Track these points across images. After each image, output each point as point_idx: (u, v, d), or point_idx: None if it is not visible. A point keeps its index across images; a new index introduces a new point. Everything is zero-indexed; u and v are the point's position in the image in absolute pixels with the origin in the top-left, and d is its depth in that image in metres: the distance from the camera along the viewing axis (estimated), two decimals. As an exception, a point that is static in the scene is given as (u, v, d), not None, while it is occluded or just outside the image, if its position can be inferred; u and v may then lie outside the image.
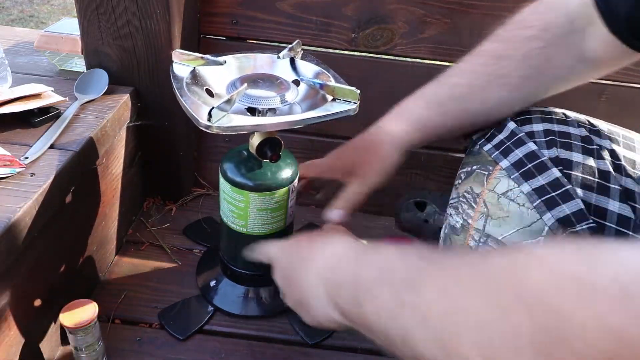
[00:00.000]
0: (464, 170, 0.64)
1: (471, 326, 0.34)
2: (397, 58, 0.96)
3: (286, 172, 0.74)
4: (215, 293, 0.84)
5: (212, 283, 0.85)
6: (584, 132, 0.59)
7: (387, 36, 0.94)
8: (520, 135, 0.60)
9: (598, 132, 0.60)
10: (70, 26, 0.92)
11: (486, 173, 0.60)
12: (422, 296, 0.39)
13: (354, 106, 0.63)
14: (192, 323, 0.80)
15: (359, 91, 0.62)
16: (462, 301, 0.36)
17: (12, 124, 0.73)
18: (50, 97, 0.77)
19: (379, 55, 0.96)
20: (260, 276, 0.83)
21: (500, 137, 0.62)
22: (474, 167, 0.62)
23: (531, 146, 0.58)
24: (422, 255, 0.43)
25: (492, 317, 0.33)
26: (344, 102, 0.63)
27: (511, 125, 0.62)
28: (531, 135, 0.60)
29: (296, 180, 0.76)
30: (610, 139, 0.60)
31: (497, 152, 0.60)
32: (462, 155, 1.07)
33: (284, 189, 0.74)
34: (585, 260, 0.31)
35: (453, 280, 0.38)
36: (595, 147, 0.58)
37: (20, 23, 2.83)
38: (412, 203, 0.93)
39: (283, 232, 0.79)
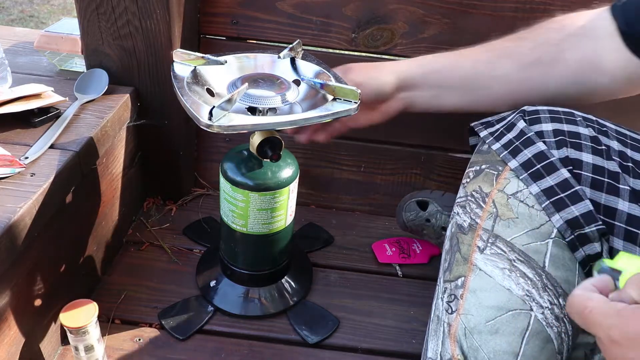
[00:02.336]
0: (473, 169, 0.63)
1: None
2: (397, 58, 0.96)
3: (287, 172, 0.74)
4: (215, 293, 0.84)
5: (212, 283, 0.85)
6: (592, 132, 0.59)
7: (387, 36, 0.94)
8: (529, 134, 0.59)
9: (606, 133, 0.60)
10: (70, 26, 0.92)
11: (496, 173, 0.59)
12: None
13: (354, 106, 0.63)
14: (192, 323, 0.80)
15: (359, 91, 0.62)
16: None
17: (12, 124, 0.73)
18: (50, 97, 0.77)
19: (379, 55, 0.96)
20: (261, 276, 0.83)
21: (509, 136, 0.61)
22: (483, 167, 0.61)
23: (540, 146, 0.58)
24: None
25: None
26: (344, 102, 0.63)
27: (521, 124, 0.61)
28: (540, 135, 0.59)
29: (296, 180, 0.76)
30: (618, 140, 0.59)
31: (506, 151, 0.60)
32: (462, 155, 1.07)
33: (285, 189, 0.73)
34: None
35: None
36: (604, 147, 0.58)
37: (20, 23, 2.83)
38: (414, 202, 0.93)
39: (283, 232, 0.79)
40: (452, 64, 0.73)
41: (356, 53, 0.98)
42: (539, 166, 0.56)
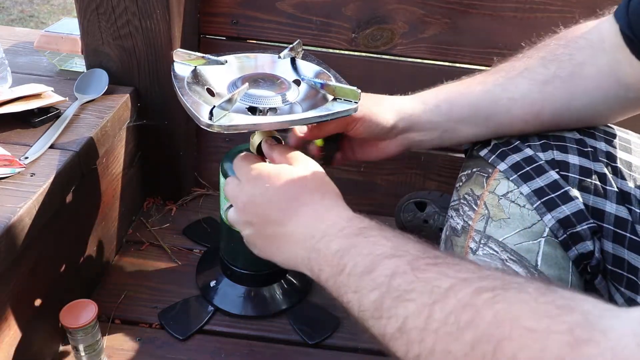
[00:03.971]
0: (465, 173, 0.64)
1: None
2: (397, 58, 0.96)
3: (286, 172, 0.74)
4: (215, 293, 0.84)
5: (212, 283, 0.85)
6: (577, 135, 0.59)
7: (387, 36, 0.94)
8: (515, 143, 0.60)
9: (593, 135, 0.60)
10: (70, 26, 0.92)
11: (486, 175, 0.60)
12: (406, 311, 0.39)
13: (354, 106, 0.63)
14: (192, 323, 0.80)
15: (359, 90, 0.62)
16: (445, 342, 0.35)
17: (12, 124, 0.73)
18: (50, 97, 0.77)
19: (379, 55, 0.96)
20: (261, 276, 0.83)
21: (495, 141, 0.62)
22: (474, 170, 0.62)
23: (528, 152, 0.58)
24: (419, 259, 0.42)
25: None
26: (344, 102, 0.63)
27: None
28: (525, 139, 0.60)
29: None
30: (606, 141, 0.59)
31: (494, 156, 0.60)
32: (462, 156, 1.07)
33: (285, 189, 0.73)
34: (572, 347, 0.29)
35: (438, 311, 0.36)
36: (589, 149, 0.58)
37: (20, 23, 2.83)
38: (412, 203, 0.93)
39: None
40: (459, 92, 0.64)
41: (356, 53, 0.98)
42: (528, 168, 0.57)
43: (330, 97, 0.64)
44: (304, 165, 0.56)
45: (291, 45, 0.74)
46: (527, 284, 0.36)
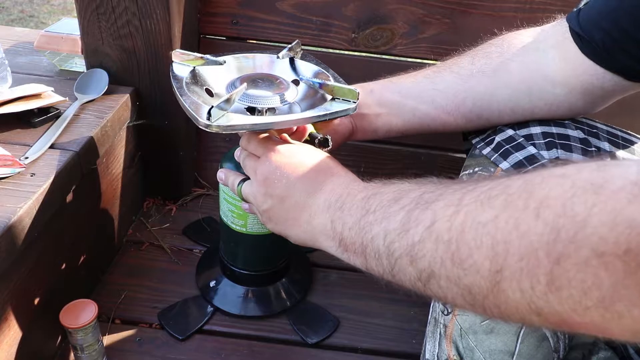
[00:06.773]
0: (466, 172, 0.63)
1: (483, 238, 0.35)
2: (397, 58, 0.96)
3: (286, 172, 0.74)
4: (215, 293, 0.84)
5: (212, 283, 0.85)
6: (581, 134, 0.59)
7: (387, 36, 0.94)
8: (519, 140, 0.60)
9: (597, 135, 0.60)
10: (70, 26, 0.92)
11: (488, 175, 0.60)
12: (434, 210, 0.39)
13: (353, 105, 0.63)
14: (192, 323, 0.80)
15: (358, 90, 0.62)
16: (476, 213, 0.36)
17: (12, 124, 0.73)
18: (50, 97, 0.77)
19: (379, 55, 0.96)
20: (260, 276, 0.83)
21: (499, 139, 0.62)
22: (476, 169, 0.62)
23: (531, 150, 0.58)
24: (437, 181, 0.44)
25: (506, 228, 0.33)
26: (343, 102, 0.63)
27: (509, 130, 0.62)
28: (529, 137, 0.60)
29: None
30: (610, 142, 0.59)
31: (497, 154, 0.60)
32: (463, 156, 1.07)
33: (284, 189, 0.73)
34: (599, 169, 0.31)
35: (468, 196, 0.38)
36: (593, 149, 0.58)
37: (20, 23, 2.83)
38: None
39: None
40: (391, 81, 0.70)
41: (356, 53, 0.98)
42: (530, 168, 0.57)
43: (329, 97, 0.64)
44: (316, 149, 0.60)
45: (290, 45, 0.74)
46: None
